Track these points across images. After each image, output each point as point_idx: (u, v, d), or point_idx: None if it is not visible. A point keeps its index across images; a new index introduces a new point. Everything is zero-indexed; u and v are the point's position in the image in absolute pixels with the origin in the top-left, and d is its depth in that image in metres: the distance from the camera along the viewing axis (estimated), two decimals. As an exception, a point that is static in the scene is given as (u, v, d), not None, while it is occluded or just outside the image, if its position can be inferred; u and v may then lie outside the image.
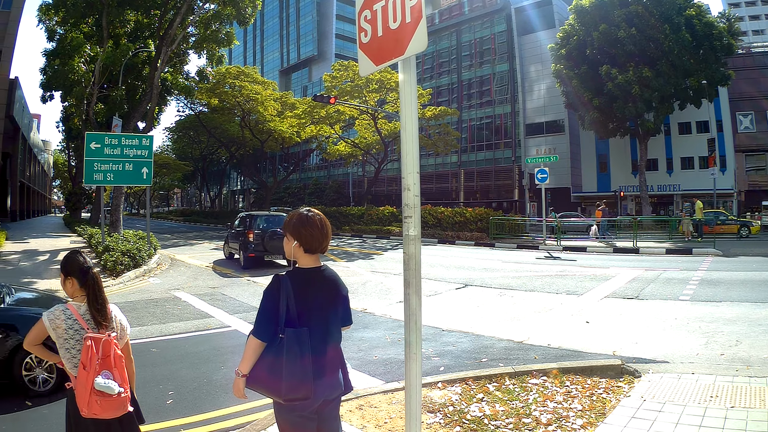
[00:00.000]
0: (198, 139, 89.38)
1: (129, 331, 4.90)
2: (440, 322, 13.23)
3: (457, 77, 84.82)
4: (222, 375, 9.83)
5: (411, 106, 4.66)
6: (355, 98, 55.25)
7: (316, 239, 4.28)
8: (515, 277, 20.88)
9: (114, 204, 36.88)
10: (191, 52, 44.87)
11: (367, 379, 9.26)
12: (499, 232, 39.46)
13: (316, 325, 4.19)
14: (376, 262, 27.72)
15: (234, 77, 64.30)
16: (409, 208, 4.64)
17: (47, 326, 4.49)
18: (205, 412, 8.12)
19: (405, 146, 4.66)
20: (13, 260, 28.55)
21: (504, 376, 8.65)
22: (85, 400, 4.30)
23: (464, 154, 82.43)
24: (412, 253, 4.63)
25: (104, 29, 37.84)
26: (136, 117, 38.92)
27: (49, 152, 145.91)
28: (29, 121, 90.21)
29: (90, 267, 4.68)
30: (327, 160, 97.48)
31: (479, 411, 7.18)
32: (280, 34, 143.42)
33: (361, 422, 7.06)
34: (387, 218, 49.40)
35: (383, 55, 4.88)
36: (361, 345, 11.49)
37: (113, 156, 26.30)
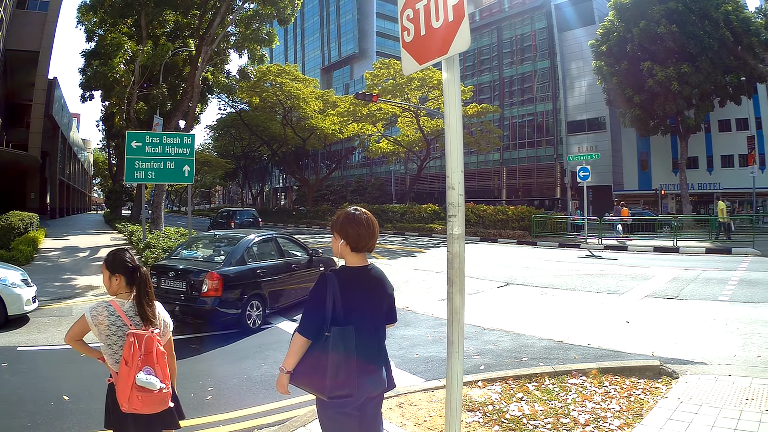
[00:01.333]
0: (240, 136, 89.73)
1: (172, 328, 4.96)
2: (482, 320, 13.23)
3: (498, 74, 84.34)
4: (262, 372, 9.89)
5: (455, 105, 4.66)
6: (397, 96, 55.37)
7: (363, 238, 4.30)
8: (556, 276, 20.83)
9: (155, 201, 37.10)
10: (232, 51, 45.02)
11: (407, 376, 9.28)
12: (541, 231, 39.13)
13: (361, 322, 4.21)
14: (418, 260, 27.71)
15: (275, 75, 64.34)
16: (454, 207, 4.62)
17: (89, 322, 4.55)
18: (245, 408, 8.18)
19: (449, 145, 4.65)
20: (52, 257, 28.86)
21: (544, 375, 8.64)
22: (126, 395, 4.35)
23: (506, 151, 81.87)
24: (456, 251, 4.63)
25: (143, 29, 38.02)
26: (177, 115, 39.07)
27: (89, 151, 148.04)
28: (69, 120, 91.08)
29: (138, 265, 4.75)
30: (369, 158, 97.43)
31: (518, 410, 7.18)
32: (321, 32, 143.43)
33: (401, 420, 7.09)
34: (429, 216, 49.43)
35: (426, 54, 4.86)
36: (402, 343, 11.52)
37: (154, 154, 26.42)
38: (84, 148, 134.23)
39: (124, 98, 40.38)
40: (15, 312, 13.88)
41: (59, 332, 13.28)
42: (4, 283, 13.78)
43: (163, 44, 39.30)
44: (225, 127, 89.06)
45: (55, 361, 11.21)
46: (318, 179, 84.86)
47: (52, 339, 12.79)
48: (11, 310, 13.77)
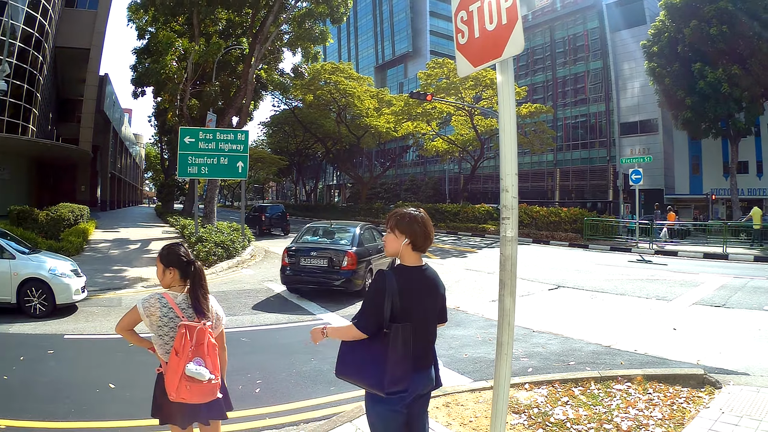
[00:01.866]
0: (293, 133, 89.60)
1: (224, 321, 5.05)
2: (531, 322, 13.19)
3: (552, 74, 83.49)
4: (311, 367, 9.95)
5: (509, 107, 4.65)
6: (451, 95, 55.23)
7: (427, 237, 4.42)
8: (607, 280, 20.72)
9: (208, 196, 37.57)
10: (286, 49, 45.08)
11: (456, 376, 9.27)
12: (593, 234, 38.88)
13: (416, 321, 4.25)
14: (470, 260, 27.74)
15: (329, 73, 64.36)
16: (507, 210, 4.64)
17: (141, 313, 4.65)
18: (293, 401, 8.29)
19: (503, 148, 4.66)
20: (102, 248, 29.40)
21: (590, 380, 8.63)
22: (174, 385, 4.45)
23: (560, 152, 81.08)
24: (508, 254, 4.64)
25: (195, 27, 38.20)
26: (230, 112, 39.33)
27: (141, 145, 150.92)
28: (120, 115, 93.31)
29: (193, 259, 4.86)
30: (423, 157, 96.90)
31: (563, 414, 7.18)
32: (374, 30, 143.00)
33: (447, 419, 7.10)
34: (482, 216, 49.36)
35: (481, 56, 4.86)
36: (452, 342, 11.50)
37: (208, 150, 27.04)
38: (136, 143, 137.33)
39: (177, 95, 40.37)
40: (63, 301, 14.23)
41: (107, 322, 13.50)
42: (53, 272, 14.16)
43: (215, 42, 39.37)
44: (279, 124, 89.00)
45: (102, 349, 11.43)
46: (372, 177, 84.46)
47: (99, 328, 13.00)
48: (60, 299, 14.12)
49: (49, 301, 14.04)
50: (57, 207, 32.22)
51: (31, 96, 52.62)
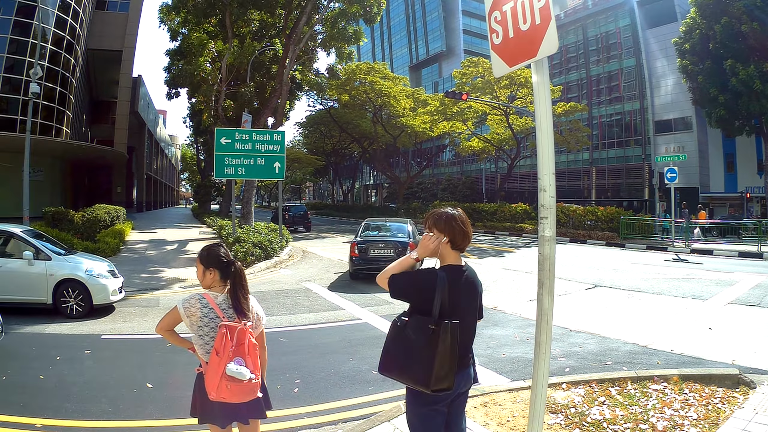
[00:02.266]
0: (329, 133, 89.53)
1: (264, 321, 5.07)
2: (569, 322, 13.18)
3: (585, 73, 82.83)
4: (350, 366, 9.98)
5: (545, 107, 4.65)
6: (486, 94, 55.23)
7: (466, 236, 4.47)
8: (643, 279, 20.57)
9: (245, 197, 37.71)
10: (320, 49, 45.05)
11: (493, 376, 9.28)
12: (629, 233, 38.63)
13: (461, 319, 4.25)
14: (507, 260, 27.69)
15: (365, 74, 64.25)
16: (545, 209, 4.65)
17: (182, 313, 4.71)
18: (331, 401, 8.35)
19: (541, 147, 4.64)
20: (139, 249, 29.63)
21: (626, 380, 8.58)
22: (214, 385, 4.49)
23: (595, 151, 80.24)
24: (547, 254, 4.65)
25: (228, 29, 38.38)
26: (266, 113, 39.46)
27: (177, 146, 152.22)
28: (155, 117, 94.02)
29: (233, 260, 4.87)
30: (460, 156, 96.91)
31: (599, 414, 7.16)
32: (407, 30, 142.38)
33: (485, 419, 7.11)
34: (519, 215, 49.16)
35: (516, 56, 4.87)
36: (490, 342, 11.49)
37: (244, 151, 27.14)
38: (171, 144, 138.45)
39: (212, 96, 40.79)
40: (100, 301, 14.39)
41: (145, 322, 13.63)
42: (90, 273, 14.32)
43: (249, 43, 39.51)
44: (314, 124, 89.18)
45: (139, 349, 11.49)
46: (409, 177, 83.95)
47: (137, 328, 13.10)
48: (96, 300, 14.27)
49: (86, 301, 14.17)
50: (93, 208, 32.58)
51: (64, 98, 53.15)
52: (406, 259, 4.51)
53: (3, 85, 48.52)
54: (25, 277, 14.16)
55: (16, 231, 14.97)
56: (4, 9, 48.12)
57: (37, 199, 39.19)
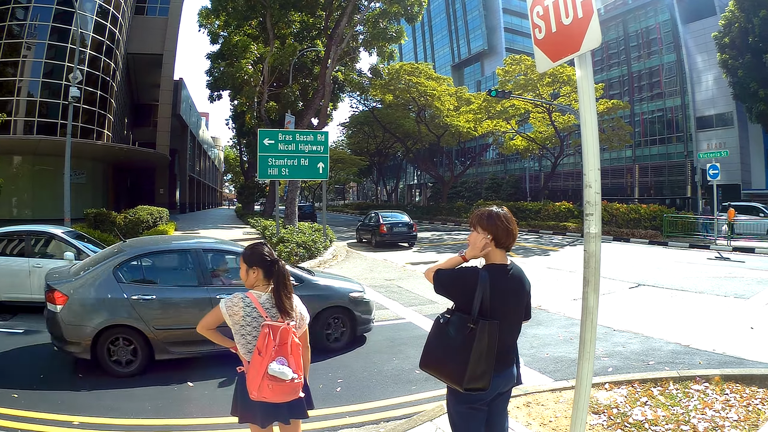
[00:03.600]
0: (373, 134, 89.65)
1: (308, 320, 5.07)
2: (612, 321, 13.10)
3: (627, 69, 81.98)
4: (393, 366, 10.00)
5: (589, 102, 4.65)
6: (529, 92, 55.03)
7: (510, 234, 4.41)
8: (686, 278, 20.42)
9: (289, 197, 37.66)
10: (362, 49, 45.07)
11: (537, 376, 9.24)
12: (672, 231, 38.19)
13: (502, 318, 4.24)
14: (551, 259, 27.62)
15: (408, 74, 63.95)
16: (591, 206, 4.64)
17: (224, 313, 4.70)
18: (373, 400, 8.37)
19: (585, 143, 4.65)
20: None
21: (668, 380, 8.49)
22: (256, 384, 4.49)
23: (638, 148, 79.69)
24: (592, 251, 4.64)
25: (269, 31, 38.68)
26: (309, 114, 39.82)
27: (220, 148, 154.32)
28: (197, 119, 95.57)
29: (276, 259, 4.87)
30: (503, 155, 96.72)
31: (641, 415, 7.09)
32: (449, 29, 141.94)
33: (527, 419, 7.07)
34: (563, 214, 48.82)
35: (559, 51, 4.85)
36: (533, 341, 11.43)
37: (288, 152, 27.26)
38: (214, 146, 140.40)
39: (254, 98, 41.10)
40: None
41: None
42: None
43: (290, 44, 39.65)
44: (358, 125, 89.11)
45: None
46: (453, 176, 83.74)
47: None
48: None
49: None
50: (135, 209, 33.02)
51: (105, 102, 54.06)
52: (455, 258, 4.52)
53: (43, 90, 49.33)
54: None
55: (56, 232, 15.12)
56: (41, 15, 48.91)
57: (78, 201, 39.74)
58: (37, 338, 11.82)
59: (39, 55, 49.16)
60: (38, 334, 12.03)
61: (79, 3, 45.16)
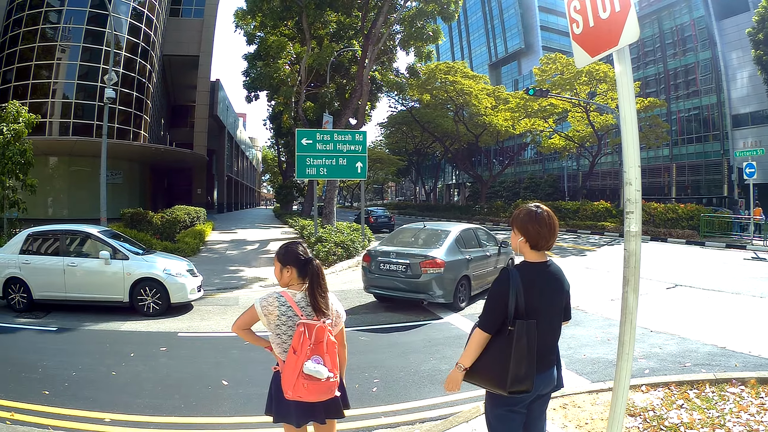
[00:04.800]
0: (411, 133, 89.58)
1: (344, 318, 5.04)
2: (649, 322, 12.94)
3: (663, 67, 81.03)
4: (430, 366, 9.92)
5: (629, 98, 4.59)
6: (566, 90, 54.73)
7: (542, 237, 4.29)
8: (722, 279, 20.27)
9: (327, 197, 37.70)
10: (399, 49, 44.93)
11: (574, 377, 9.18)
12: (709, 230, 37.87)
13: (541, 318, 4.19)
14: (588, 259, 27.52)
15: (444, 73, 63.84)
16: (631, 204, 4.58)
17: (259, 312, 4.68)
18: (409, 401, 8.31)
19: (626, 139, 4.61)
20: (219, 249, 30.18)
21: (705, 383, 8.43)
22: (291, 383, 4.45)
23: (675, 147, 78.87)
24: (632, 250, 4.57)
25: (306, 31, 38.71)
26: (347, 114, 39.90)
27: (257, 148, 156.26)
28: (234, 120, 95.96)
29: (311, 258, 4.82)
30: (541, 154, 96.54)
31: (677, 418, 7.02)
32: (485, 28, 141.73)
33: (563, 421, 7.06)
34: (601, 214, 48.48)
35: (597, 46, 4.81)
36: (571, 342, 11.34)
37: (326, 151, 27.45)
38: (252, 146, 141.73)
39: (291, 98, 41.29)
40: (178, 300, 14.69)
41: (223, 320, 13.84)
42: (167, 272, 14.64)
43: (327, 45, 39.61)
44: (396, 125, 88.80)
45: (216, 347, 11.60)
46: (491, 176, 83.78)
47: (215, 326, 13.32)
48: (174, 298, 14.57)
49: (164, 300, 14.46)
50: (172, 209, 33.32)
51: (141, 103, 54.68)
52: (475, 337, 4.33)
53: (78, 92, 49.82)
54: (102, 276, 14.53)
55: (92, 231, 15.27)
56: (75, 18, 49.48)
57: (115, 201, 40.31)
58: (69, 336, 12.10)
59: (74, 58, 49.80)
60: (71, 332, 12.38)
61: (113, 5, 45.64)
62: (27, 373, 9.37)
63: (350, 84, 46.91)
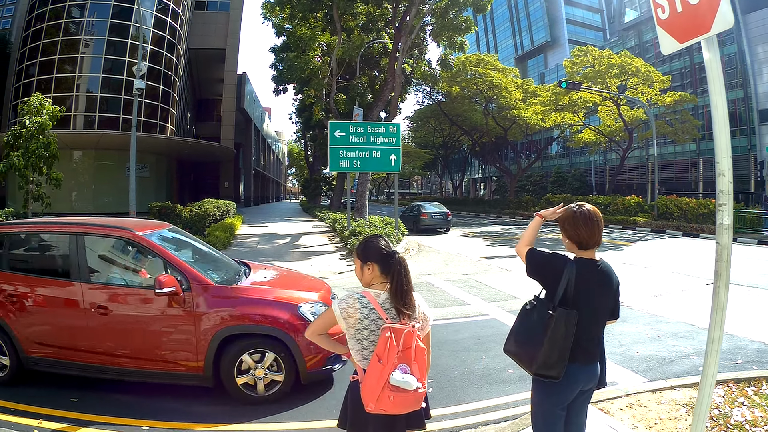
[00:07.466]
0: (439, 127, 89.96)
1: (431, 321, 4.59)
2: (695, 319, 12.85)
3: (689, 60, 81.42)
4: (484, 365, 9.71)
5: (719, 85, 4.56)
6: (597, 83, 54.66)
7: (587, 236, 4.36)
8: (760, 275, 20.07)
9: (359, 190, 37.83)
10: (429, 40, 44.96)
11: (631, 375, 9.05)
12: (741, 227, 37.09)
13: (585, 312, 4.23)
14: (625, 254, 27.26)
15: (474, 65, 63.88)
16: (723, 195, 4.54)
17: (337, 315, 4.25)
18: (468, 402, 8.11)
19: (717, 128, 4.50)
20: (251, 242, 30.05)
21: (761, 380, 8.33)
22: (375, 395, 4.03)
23: (702, 142, 78.08)
24: (725, 243, 4.61)
25: (336, 22, 38.64)
26: (378, 106, 39.93)
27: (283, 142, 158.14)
28: (261, 113, 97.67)
29: (394, 251, 4.45)
30: (569, 148, 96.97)
31: (741, 416, 6.96)
32: (511, 21, 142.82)
33: (632, 422, 6.95)
34: (633, 208, 47.92)
35: (687, 32, 4.75)
36: (621, 339, 11.19)
37: (359, 144, 27.50)
38: (278, 140, 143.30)
39: (322, 90, 41.48)
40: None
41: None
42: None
43: (357, 36, 40.10)
44: (423, 118, 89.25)
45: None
46: (520, 169, 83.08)
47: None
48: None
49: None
50: (201, 203, 33.51)
51: (167, 96, 55.42)
52: (535, 221, 4.81)
53: (103, 86, 50.28)
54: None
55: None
56: (98, 13, 50.10)
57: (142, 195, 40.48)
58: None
59: (98, 51, 50.53)
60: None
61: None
62: None
63: (381, 76, 47.51)
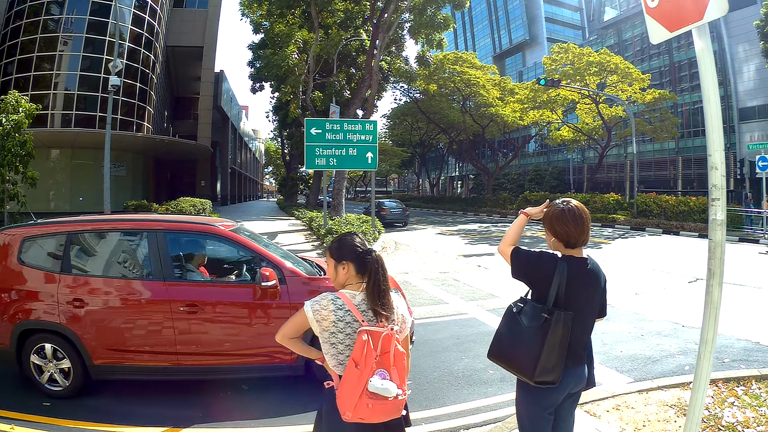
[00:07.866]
0: (416, 125, 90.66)
1: (410, 323, 4.34)
2: (678, 317, 12.82)
3: (668, 59, 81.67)
4: (463, 365, 9.55)
5: (712, 77, 4.47)
6: (576, 81, 54.63)
7: (573, 234, 4.22)
8: (741, 273, 20.15)
9: (336, 188, 37.72)
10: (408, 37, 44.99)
11: (616, 375, 8.98)
12: (721, 224, 37.37)
13: (576, 312, 4.12)
14: (605, 252, 27.34)
15: (453, 63, 64.04)
16: (717, 190, 4.43)
17: (310, 317, 3.94)
18: (448, 404, 7.94)
19: (710, 122, 4.45)
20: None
21: (750, 379, 8.32)
22: (352, 403, 3.74)
23: (680, 140, 78.50)
24: (718, 240, 4.52)
25: (314, 19, 38.46)
26: (355, 104, 39.89)
27: (260, 140, 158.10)
28: (238, 111, 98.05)
29: (370, 249, 4.16)
30: (546, 146, 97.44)
31: (732, 417, 6.88)
32: (489, 19, 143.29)
33: (620, 424, 6.86)
34: (612, 206, 48.43)
35: (677, 20, 4.59)
36: (604, 338, 11.12)
37: (335, 141, 27.20)
38: (255, 138, 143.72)
39: (300, 87, 41.41)
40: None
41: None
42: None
43: (335, 33, 40.10)
44: (401, 116, 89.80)
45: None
46: (497, 167, 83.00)
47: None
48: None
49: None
50: (177, 201, 33.58)
51: (144, 94, 55.58)
52: (520, 218, 4.59)
53: (80, 84, 50.43)
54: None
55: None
56: (77, 10, 50.07)
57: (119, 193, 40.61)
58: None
59: (76, 49, 50.53)
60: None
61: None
62: None
63: (357, 74, 47.54)
